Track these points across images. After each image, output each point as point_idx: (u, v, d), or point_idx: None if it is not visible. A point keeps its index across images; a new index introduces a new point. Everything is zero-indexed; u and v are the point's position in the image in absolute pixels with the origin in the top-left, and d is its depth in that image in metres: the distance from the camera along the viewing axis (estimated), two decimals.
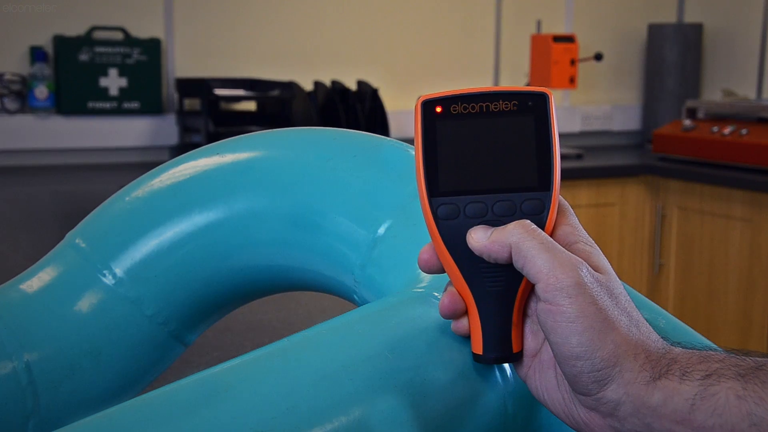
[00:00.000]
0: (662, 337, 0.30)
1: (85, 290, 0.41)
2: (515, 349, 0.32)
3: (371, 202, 0.41)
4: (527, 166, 0.31)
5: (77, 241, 0.43)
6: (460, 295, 0.32)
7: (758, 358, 0.29)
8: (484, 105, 0.31)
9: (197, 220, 0.42)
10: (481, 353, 0.32)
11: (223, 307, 0.45)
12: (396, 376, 0.31)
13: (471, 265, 0.31)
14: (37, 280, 0.42)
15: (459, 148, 0.31)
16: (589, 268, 0.30)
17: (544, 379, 0.31)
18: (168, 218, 0.42)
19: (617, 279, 0.31)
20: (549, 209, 0.31)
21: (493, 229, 0.31)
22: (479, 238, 0.31)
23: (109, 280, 0.42)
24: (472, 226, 0.31)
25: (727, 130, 1.85)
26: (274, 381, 0.30)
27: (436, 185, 0.31)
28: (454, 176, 0.31)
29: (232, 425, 0.28)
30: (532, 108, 0.31)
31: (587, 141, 2.29)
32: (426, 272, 0.33)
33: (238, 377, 0.30)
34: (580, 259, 0.30)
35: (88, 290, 0.41)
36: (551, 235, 0.31)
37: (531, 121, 0.31)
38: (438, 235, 0.32)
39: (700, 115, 1.98)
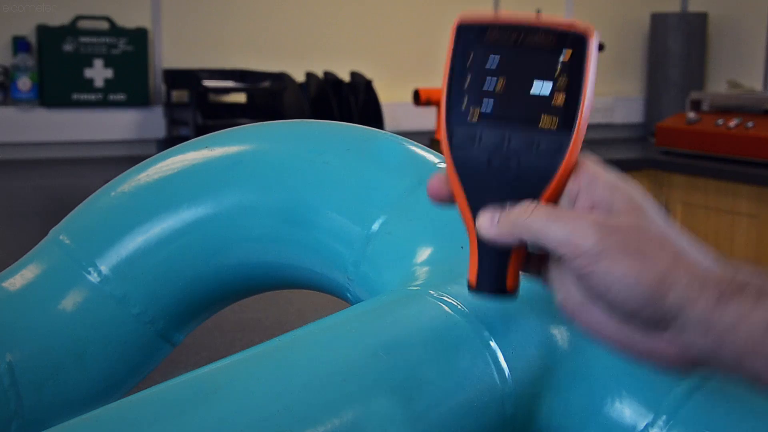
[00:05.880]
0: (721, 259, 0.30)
1: (69, 288, 0.41)
2: (509, 286, 0.32)
3: (365, 198, 0.41)
4: (553, 105, 0.31)
5: (61, 237, 0.42)
6: (465, 223, 0.32)
7: None
8: (521, 37, 0.31)
9: (185, 215, 0.42)
10: (475, 285, 0.32)
11: (212, 305, 0.44)
12: (391, 376, 0.30)
13: (479, 195, 0.31)
14: (20, 277, 0.41)
15: (487, 76, 0.31)
16: (604, 220, 0.29)
17: (592, 317, 0.30)
18: (155, 214, 0.42)
19: (652, 207, 0.30)
20: (567, 151, 0.30)
21: (498, 214, 0.30)
22: (486, 228, 0.30)
23: (94, 277, 0.41)
24: (486, 157, 0.31)
25: (732, 123, 1.84)
26: (265, 382, 0.29)
27: (457, 108, 0.31)
28: (478, 104, 0.31)
29: (221, 427, 0.27)
30: (570, 46, 0.31)
31: (588, 134, 2.25)
32: (432, 199, 0.32)
33: (228, 378, 0.29)
34: (590, 216, 0.29)
35: (73, 288, 0.41)
36: (569, 177, 0.30)
37: (566, 59, 0.31)
38: (451, 159, 0.31)
39: (705, 107, 1.97)
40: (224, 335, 0.69)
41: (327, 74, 1.89)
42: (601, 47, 2.01)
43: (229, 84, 1.84)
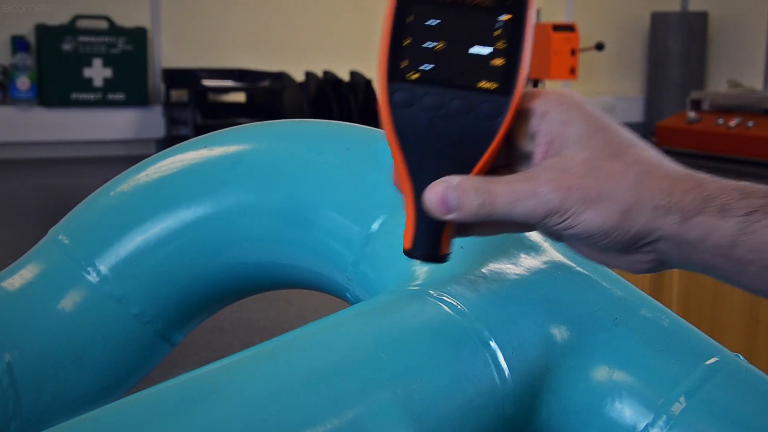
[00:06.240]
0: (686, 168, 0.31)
1: (68, 288, 0.41)
2: (443, 250, 0.32)
3: (364, 197, 0.41)
4: (493, 67, 0.31)
5: (60, 237, 0.42)
6: (402, 186, 0.32)
7: None
8: None
9: (184, 215, 0.42)
10: (410, 248, 0.32)
11: (211, 305, 0.44)
12: (390, 377, 0.30)
13: (417, 158, 0.31)
14: (19, 277, 0.41)
15: (427, 37, 0.31)
16: (561, 176, 0.30)
17: (576, 247, 0.32)
18: (154, 213, 0.42)
19: (605, 128, 0.31)
20: (505, 115, 0.31)
21: (452, 188, 0.30)
22: (441, 211, 0.31)
23: (93, 277, 0.41)
24: (426, 118, 0.31)
25: (732, 123, 1.84)
26: (264, 382, 0.29)
27: (396, 70, 0.31)
28: (417, 64, 0.31)
29: (221, 427, 0.27)
30: (509, 7, 0.31)
31: None
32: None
33: (227, 378, 0.29)
34: (549, 181, 0.30)
35: (72, 288, 0.40)
36: (505, 139, 0.31)
37: (506, 19, 0.31)
38: (390, 120, 0.31)
39: (705, 106, 1.98)
40: (224, 335, 0.69)
41: (326, 74, 1.89)
42: (601, 47, 2.01)
43: (229, 83, 1.84)
